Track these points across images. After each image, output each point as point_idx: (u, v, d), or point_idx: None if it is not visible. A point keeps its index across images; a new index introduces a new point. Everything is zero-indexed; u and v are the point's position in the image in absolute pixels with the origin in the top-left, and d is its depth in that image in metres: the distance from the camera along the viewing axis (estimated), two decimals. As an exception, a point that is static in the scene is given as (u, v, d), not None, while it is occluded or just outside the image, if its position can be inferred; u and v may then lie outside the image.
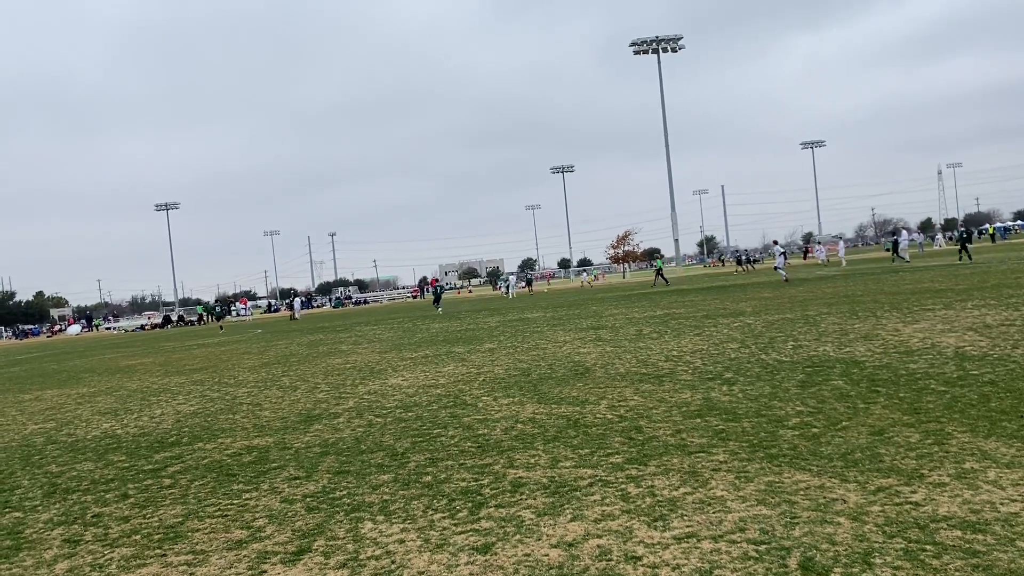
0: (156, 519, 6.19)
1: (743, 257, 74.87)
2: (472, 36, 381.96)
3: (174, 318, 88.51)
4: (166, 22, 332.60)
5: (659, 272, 53.80)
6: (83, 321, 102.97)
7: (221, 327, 53.49)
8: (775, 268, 38.36)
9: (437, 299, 47.48)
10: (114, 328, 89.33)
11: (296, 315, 57.22)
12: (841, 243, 59.89)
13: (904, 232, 53.27)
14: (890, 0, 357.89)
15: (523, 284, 78.16)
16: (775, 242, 46.90)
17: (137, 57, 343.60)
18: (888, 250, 48.05)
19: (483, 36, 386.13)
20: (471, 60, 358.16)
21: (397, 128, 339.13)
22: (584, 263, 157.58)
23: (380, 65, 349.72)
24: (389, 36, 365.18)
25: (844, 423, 7.03)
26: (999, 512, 4.58)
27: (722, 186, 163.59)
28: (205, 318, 78.52)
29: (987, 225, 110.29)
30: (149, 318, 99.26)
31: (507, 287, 67.15)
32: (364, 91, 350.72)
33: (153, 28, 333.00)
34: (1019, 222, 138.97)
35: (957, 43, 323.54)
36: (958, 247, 39.98)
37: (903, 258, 44.68)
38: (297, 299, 68.06)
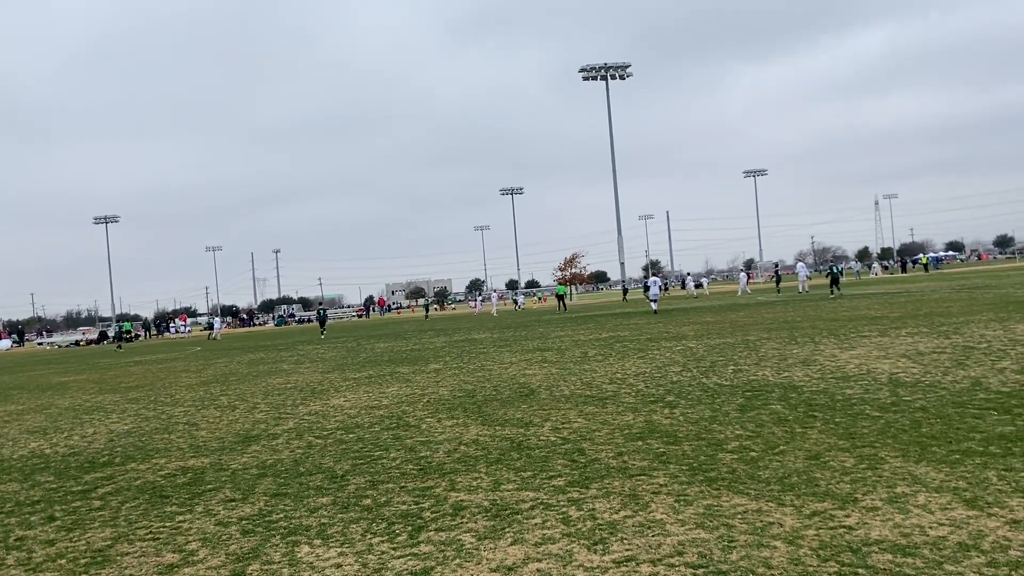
0: (83, 542, 5.98)
1: (626, 287, 74.99)
2: (430, 60, 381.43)
3: (111, 334, 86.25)
4: (117, 31, 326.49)
5: (560, 299, 55.59)
6: (14, 336, 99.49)
7: (119, 347, 52.67)
8: (650, 299, 36.28)
9: (322, 323, 46.98)
10: (47, 344, 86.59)
11: (215, 335, 58.43)
12: (743, 275, 61.58)
13: (801, 264, 55.68)
14: (834, 37, 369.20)
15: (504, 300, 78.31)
16: (654, 273, 48.03)
17: (82, 65, 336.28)
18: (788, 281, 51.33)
19: (441, 60, 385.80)
20: (427, 83, 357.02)
21: (347, 147, 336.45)
22: (532, 284, 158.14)
23: (334, 85, 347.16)
24: (346, 56, 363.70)
25: (782, 447, 7.15)
26: (928, 536, 4.70)
27: (667, 212, 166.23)
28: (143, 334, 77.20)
29: (920, 255, 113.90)
30: (84, 333, 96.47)
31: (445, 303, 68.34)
32: (316, 110, 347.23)
33: (101, 37, 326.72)
34: (951, 252, 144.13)
35: (895, 81, 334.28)
36: (829, 282, 41.23)
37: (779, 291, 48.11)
38: (216, 319, 71.59)
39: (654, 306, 35.14)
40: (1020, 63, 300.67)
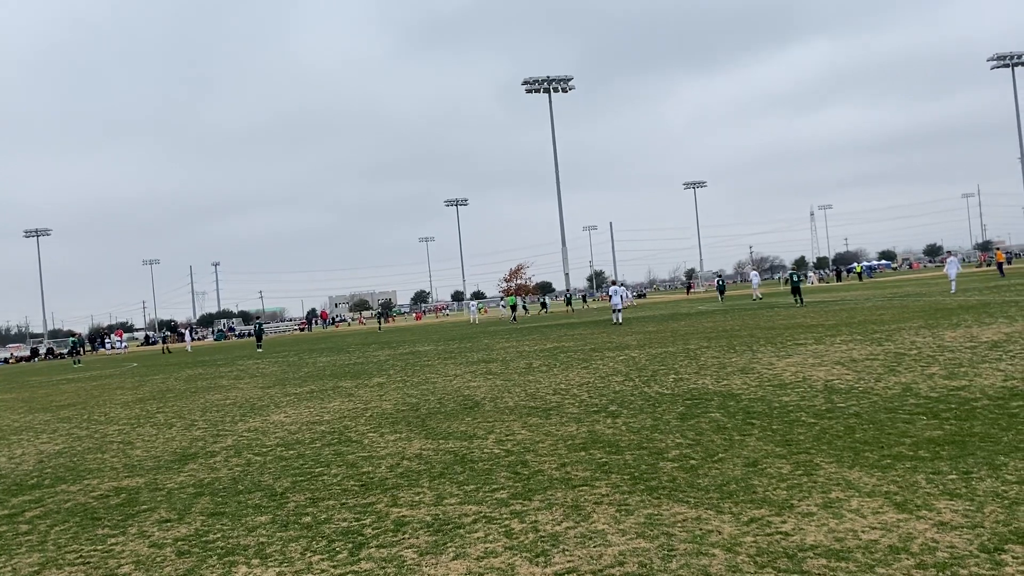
0: (9, 569, 5.76)
1: (570, 297, 75.03)
2: (375, 71, 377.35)
3: (43, 351, 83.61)
4: (49, 41, 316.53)
5: (513, 308, 58.75)
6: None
7: (77, 362, 51.30)
8: (613, 309, 35.33)
9: (259, 337, 46.66)
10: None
11: (186, 347, 57.56)
12: (719, 282, 63.01)
13: (754, 273, 57.03)
14: (774, 54, 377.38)
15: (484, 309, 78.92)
16: (613, 281, 48.54)
17: (11, 74, 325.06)
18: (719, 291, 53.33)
19: (386, 71, 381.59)
20: (371, 94, 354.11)
21: (290, 158, 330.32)
22: (477, 296, 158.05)
23: (277, 94, 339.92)
24: (289, 66, 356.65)
25: (721, 455, 7.26)
26: (860, 540, 4.81)
27: (610, 223, 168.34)
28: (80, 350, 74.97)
29: (855, 264, 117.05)
30: (12, 352, 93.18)
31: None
32: (258, 120, 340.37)
33: (32, 46, 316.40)
34: (884, 261, 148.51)
35: (831, 97, 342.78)
36: (791, 291, 40.99)
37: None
38: (187, 331, 69.06)
39: (617, 317, 34.36)
40: (944, 82, 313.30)
